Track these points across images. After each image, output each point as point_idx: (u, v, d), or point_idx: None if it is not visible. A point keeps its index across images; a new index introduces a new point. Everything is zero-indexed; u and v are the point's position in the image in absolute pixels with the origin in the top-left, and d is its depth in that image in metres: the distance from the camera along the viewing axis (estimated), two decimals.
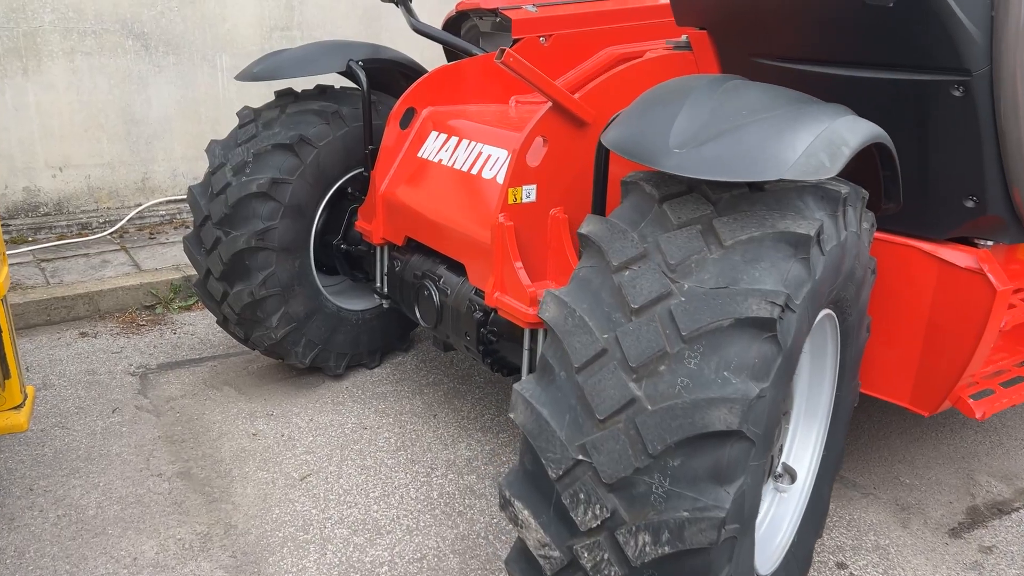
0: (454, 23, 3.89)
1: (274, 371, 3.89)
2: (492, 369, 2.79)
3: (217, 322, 3.65)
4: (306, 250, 3.49)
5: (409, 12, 3.67)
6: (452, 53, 4.03)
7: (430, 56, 4.32)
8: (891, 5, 1.90)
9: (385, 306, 3.48)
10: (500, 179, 2.66)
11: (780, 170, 1.61)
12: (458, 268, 2.87)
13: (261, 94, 5.75)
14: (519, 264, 2.47)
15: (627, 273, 1.72)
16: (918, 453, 3.35)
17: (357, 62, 3.44)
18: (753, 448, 1.58)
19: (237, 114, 3.54)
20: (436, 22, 3.96)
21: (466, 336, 2.77)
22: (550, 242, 2.60)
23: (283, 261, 3.38)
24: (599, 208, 2.16)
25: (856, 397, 2.49)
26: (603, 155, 2.11)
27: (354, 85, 3.84)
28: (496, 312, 2.65)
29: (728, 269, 1.65)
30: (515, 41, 3.33)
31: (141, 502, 2.87)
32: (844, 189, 1.86)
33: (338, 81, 3.85)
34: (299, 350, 3.56)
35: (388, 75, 3.80)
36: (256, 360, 4.01)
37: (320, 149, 3.39)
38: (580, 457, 1.63)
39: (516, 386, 1.77)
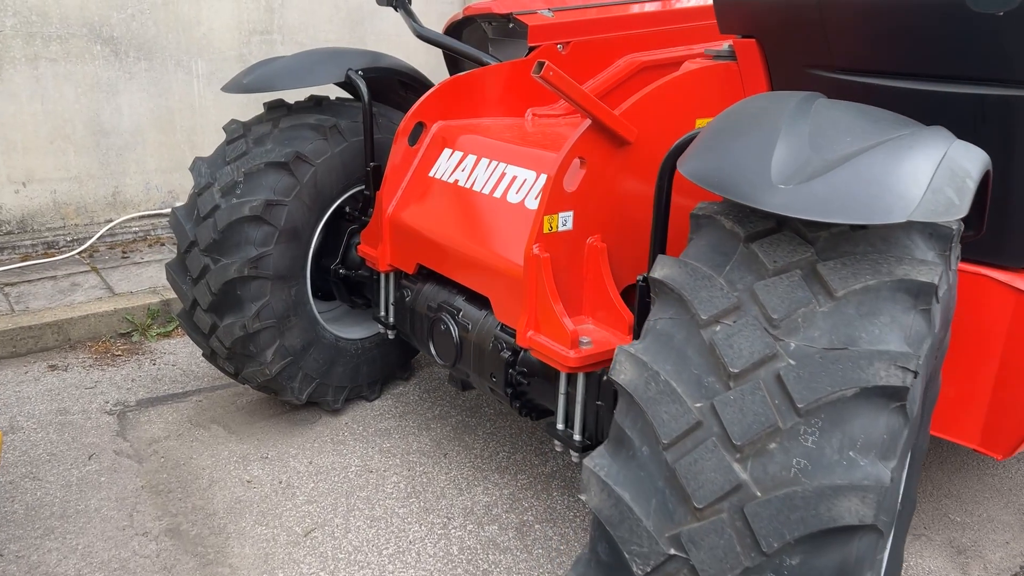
0: (456, 28, 3.62)
1: (266, 406, 3.58)
2: (520, 413, 2.52)
3: (204, 355, 3.34)
4: (302, 277, 3.19)
5: (410, 16, 3.39)
6: (453, 61, 3.75)
7: (415, 62, 4.03)
8: (1001, 14, 1.67)
9: (390, 336, 3.19)
10: (531, 204, 2.39)
11: (907, 210, 1.36)
12: (480, 300, 2.60)
13: (241, 103, 5.43)
14: (558, 302, 2.20)
15: (718, 328, 1.46)
16: (963, 486, 3.15)
17: (357, 71, 3.16)
18: (881, 539, 1.34)
19: (224, 128, 3.23)
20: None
21: (491, 377, 2.50)
22: (587, 274, 2.34)
23: (278, 290, 3.08)
24: (660, 244, 1.90)
25: (928, 442, 2.26)
26: (666, 183, 1.85)
27: (348, 95, 3.57)
28: (527, 351, 2.39)
29: (842, 325, 1.40)
30: (531, 49, 3.06)
31: (126, 568, 2.56)
32: (954, 225, 1.62)
33: (331, 91, 3.57)
34: (295, 385, 3.27)
35: (386, 85, 3.52)
36: (245, 393, 3.70)
37: (317, 167, 3.10)
38: (673, 551, 1.37)
39: (587, 462, 1.51)
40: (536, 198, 2.40)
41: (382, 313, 3.17)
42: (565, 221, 2.26)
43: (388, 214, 2.90)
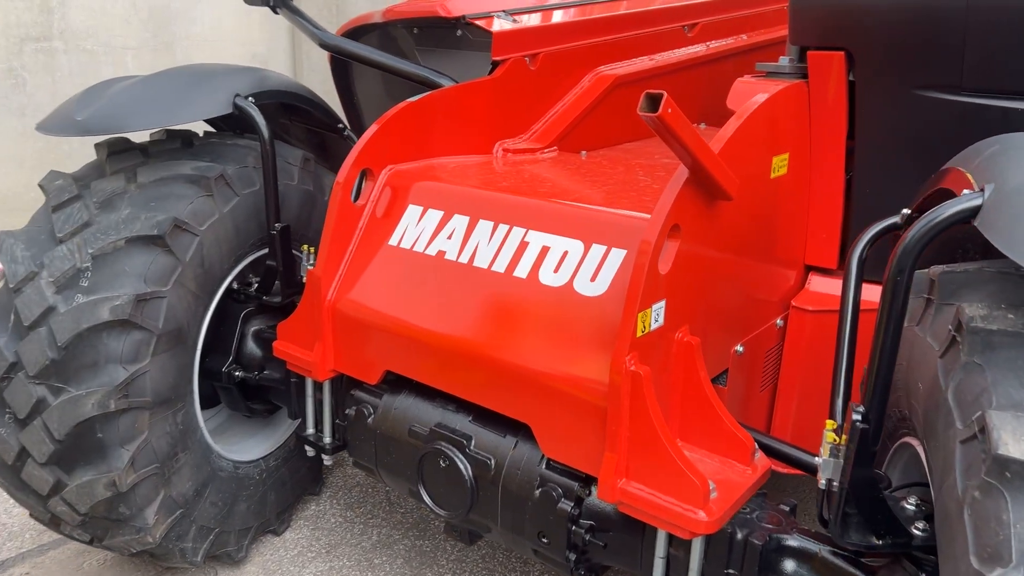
0: (353, 36, 2.78)
1: (129, 565, 2.54)
2: None
3: (33, 516, 2.26)
4: (190, 393, 2.24)
5: (301, 17, 2.52)
6: (345, 83, 2.92)
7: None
8: None
9: (327, 462, 2.31)
10: (585, 288, 1.68)
11: None
12: (501, 422, 1.83)
13: (15, 135, 4.12)
14: (672, 440, 1.51)
15: None
16: None
17: (246, 98, 2.25)
18: None
19: (42, 185, 2.18)
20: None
21: (540, 537, 1.75)
22: (676, 379, 1.68)
23: (159, 422, 2.11)
24: (887, 372, 1.26)
25: None
26: (905, 282, 1.22)
27: (211, 128, 2.64)
28: (593, 495, 1.68)
29: None
30: (495, 64, 2.32)
31: None
32: None
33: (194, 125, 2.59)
34: (188, 546, 2.29)
35: (266, 112, 2.62)
36: (91, 549, 2.62)
37: (203, 236, 2.16)
38: None
39: None
40: (593, 280, 1.69)
41: (311, 431, 2.29)
42: (657, 316, 1.58)
43: (330, 301, 2.04)
